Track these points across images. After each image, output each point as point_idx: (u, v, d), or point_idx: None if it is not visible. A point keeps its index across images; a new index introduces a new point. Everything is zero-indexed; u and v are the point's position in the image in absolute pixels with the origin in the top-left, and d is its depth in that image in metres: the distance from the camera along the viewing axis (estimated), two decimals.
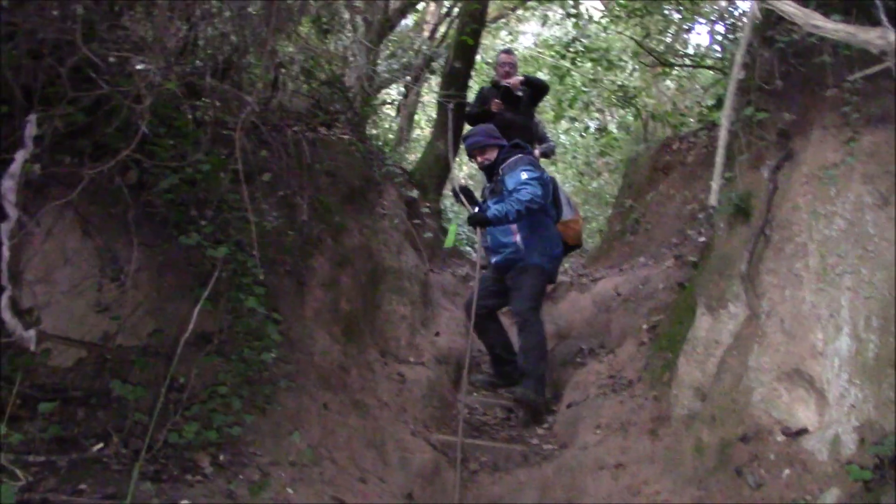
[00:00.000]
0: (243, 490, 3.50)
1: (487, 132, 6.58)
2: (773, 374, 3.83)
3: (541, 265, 6.21)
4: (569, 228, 6.63)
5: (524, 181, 5.97)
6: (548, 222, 6.34)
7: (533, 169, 6.14)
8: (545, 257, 6.23)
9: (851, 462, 3.24)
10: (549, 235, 6.32)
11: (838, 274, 3.64)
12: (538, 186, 5.96)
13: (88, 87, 3.46)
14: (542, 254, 6.21)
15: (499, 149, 6.45)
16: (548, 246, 6.27)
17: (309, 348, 4.95)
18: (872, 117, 3.67)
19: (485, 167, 6.52)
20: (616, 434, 4.87)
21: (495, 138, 6.53)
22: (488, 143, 6.46)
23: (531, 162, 6.27)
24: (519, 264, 6.20)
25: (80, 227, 3.70)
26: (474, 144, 6.53)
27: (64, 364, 3.58)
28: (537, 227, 6.21)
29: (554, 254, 6.37)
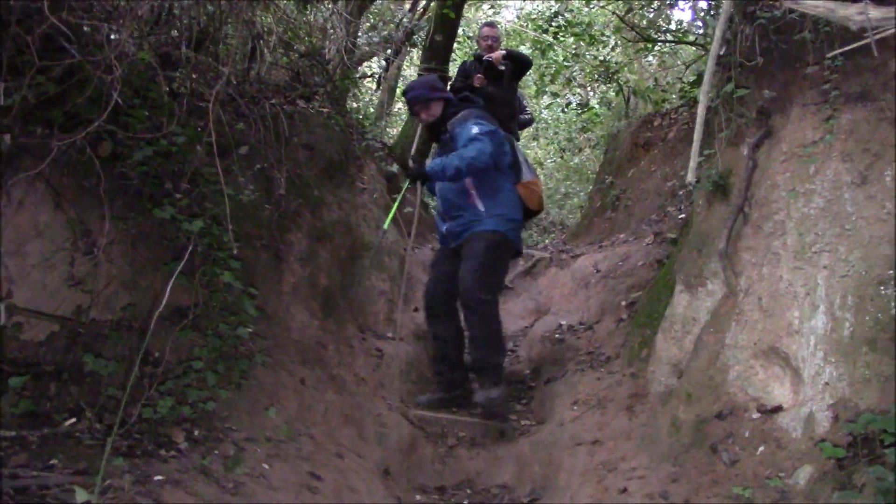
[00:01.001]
0: (218, 465, 3.48)
1: (430, 84, 5.70)
2: (749, 352, 3.84)
3: (502, 232, 5.37)
4: (531, 192, 5.75)
5: (473, 136, 5.22)
6: (508, 185, 5.57)
7: (485, 123, 5.36)
8: (508, 223, 5.42)
9: (825, 440, 3.26)
10: (510, 199, 5.52)
11: (816, 252, 3.64)
12: (488, 143, 5.19)
13: (60, 56, 3.39)
14: (505, 219, 5.39)
15: (445, 103, 5.61)
16: (509, 210, 5.45)
17: (286, 323, 4.93)
18: (852, 95, 3.66)
19: (430, 125, 5.69)
20: (593, 410, 4.89)
21: (439, 90, 5.66)
22: (432, 97, 5.57)
23: (482, 115, 5.48)
24: (475, 230, 5.37)
25: (53, 199, 3.64)
26: (416, 98, 5.59)
27: (36, 338, 3.53)
28: (498, 190, 5.45)
29: (516, 219, 5.54)
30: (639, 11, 12.46)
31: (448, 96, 5.67)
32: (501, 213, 5.38)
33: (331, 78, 7.06)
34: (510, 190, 5.55)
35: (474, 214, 5.38)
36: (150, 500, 2.92)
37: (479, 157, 5.12)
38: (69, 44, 3.38)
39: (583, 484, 4.20)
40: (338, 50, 7.50)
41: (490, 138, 5.24)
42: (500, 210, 5.39)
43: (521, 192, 5.64)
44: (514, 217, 5.48)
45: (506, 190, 5.50)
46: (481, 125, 5.30)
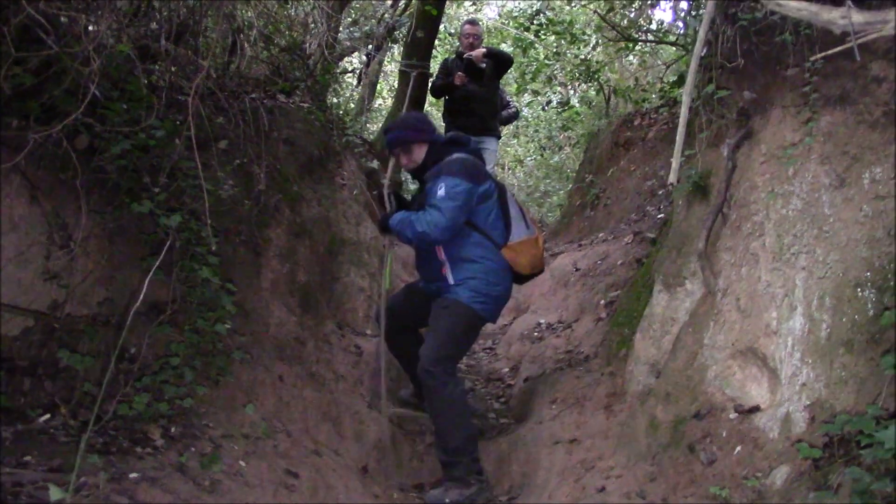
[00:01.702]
0: (194, 463, 3.46)
1: (413, 124, 4.88)
2: (727, 352, 3.86)
3: (468, 305, 4.57)
4: (520, 254, 4.75)
5: (436, 201, 4.47)
6: (486, 248, 4.64)
7: (459, 179, 4.49)
8: (479, 297, 4.59)
9: (801, 440, 3.28)
10: (487, 267, 4.63)
11: (794, 254, 3.66)
12: (446, 212, 4.43)
13: (37, 47, 3.35)
14: (476, 291, 4.58)
15: (429, 145, 4.78)
16: (484, 282, 4.61)
17: (265, 320, 4.90)
18: (831, 98, 3.68)
19: (412, 171, 4.96)
20: (571, 409, 4.90)
21: (424, 132, 4.80)
22: (415, 140, 4.76)
23: (462, 168, 4.58)
24: (444, 296, 4.68)
25: (28, 192, 3.59)
26: (396, 140, 4.81)
27: (10, 333, 3.48)
28: (471, 259, 4.62)
29: (493, 293, 4.66)
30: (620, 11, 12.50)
31: (434, 138, 4.81)
32: (473, 287, 4.60)
33: (311, 73, 7.03)
34: (488, 258, 4.65)
35: (446, 285, 4.68)
36: (125, 497, 2.90)
37: (431, 231, 4.44)
38: (46, 35, 3.33)
39: (561, 483, 4.22)
40: (319, 45, 7.46)
41: (454, 203, 4.45)
42: (472, 283, 4.60)
43: (507, 257, 4.71)
44: (490, 291, 4.64)
45: (481, 259, 4.63)
46: (451, 183, 4.48)
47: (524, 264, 4.77)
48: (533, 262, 4.83)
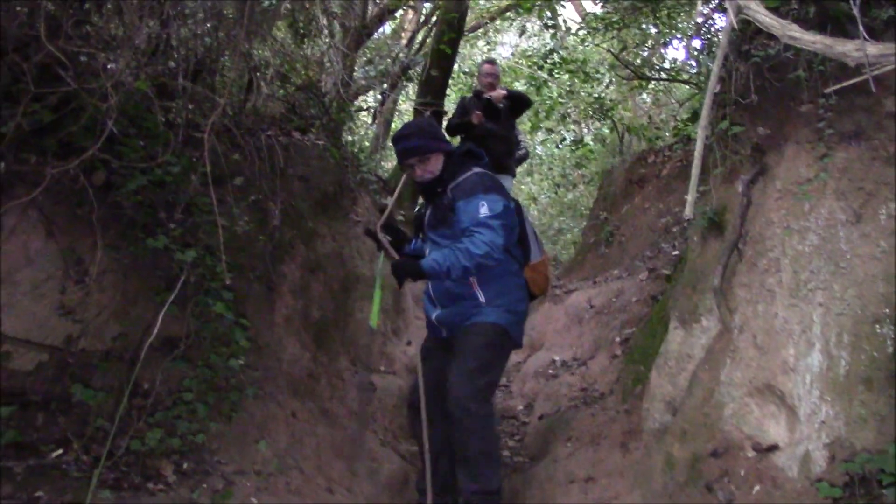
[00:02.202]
0: (206, 499, 3.44)
1: (430, 131, 4.52)
2: (744, 390, 3.81)
3: (502, 325, 4.29)
4: (538, 274, 4.62)
5: (483, 220, 4.11)
6: (511, 265, 4.43)
7: (497, 197, 4.20)
8: (509, 315, 4.33)
9: (822, 479, 3.23)
10: (515, 286, 4.44)
11: (811, 290, 3.63)
12: (499, 230, 4.12)
13: (55, 84, 3.39)
14: (506, 309, 4.32)
15: (446, 156, 4.40)
16: (513, 300, 4.39)
17: (278, 355, 4.89)
18: (846, 133, 3.67)
19: (425, 183, 4.42)
20: (587, 447, 4.85)
21: (442, 140, 4.47)
22: (432, 148, 4.36)
23: (493, 184, 4.30)
24: (473, 320, 4.31)
25: (45, 227, 3.61)
26: (412, 149, 4.36)
27: (24, 367, 3.49)
28: (502, 275, 4.35)
29: (520, 310, 4.45)
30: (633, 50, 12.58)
31: (451, 149, 4.45)
32: (504, 304, 4.32)
33: (327, 111, 7.08)
34: (516, 274, 4.46)
35: (473, 304, 4.31)
36: None
37: (493, 251, 4.07)
38: (65, 72, 3.38)
39: None
40: (334, 83, 7.53)
41: (502, 221, 4.15)
42: (503, 299, 4.33)
43: (527, 276, 4.54)
44: (517, 308, 4.41)
45: (511, 275, 4.41)
46: (493, 201, 4.16)
47: (540, 285, 4.65)
48: (546, 284, 4.74)
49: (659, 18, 10.68)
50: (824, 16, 3.61)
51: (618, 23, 10.70)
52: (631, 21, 10.86)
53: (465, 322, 4.32)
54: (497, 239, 4.09)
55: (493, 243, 4.07)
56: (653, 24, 11.41)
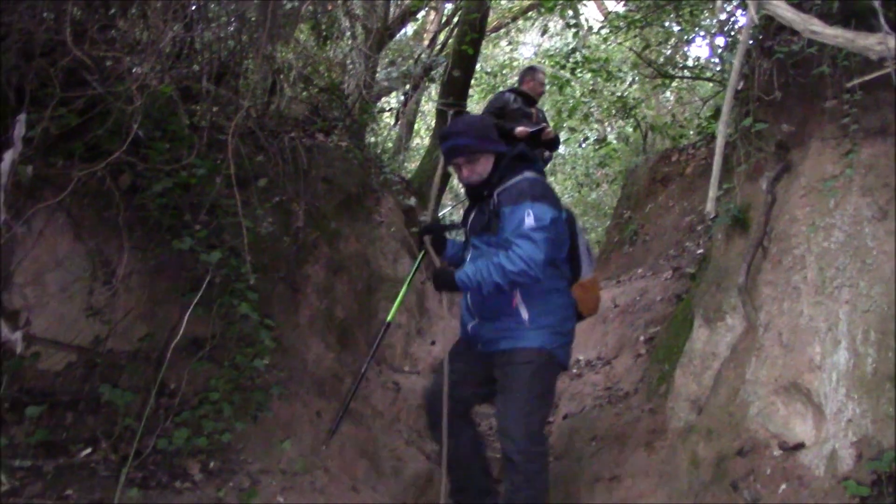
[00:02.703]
0: (233, 498, 3.47)
1: (482, 130, 4.01)
2: (770, 388, 3.79)
3: (549, 350, 3.86)
4: (588, 293, 4.13)
5: (526, 231, 3.67)
6: (559, 282, 3.98)
7: (546, 206, 3.74)
8: (555, 337, 3.89)
9: (848, 478, 3.21)
10: (562, 304, 3.99)
11: (836, 287, 3.60)
12: (542, 245, 3.66)
13: (82, 88, 3.43)
14: (552, 331, 3.88)
15: (497, 157, 3.96)
16: (559, 320, 3.94)
17: (302, 355, 4.92)
18: (871, 129, 3.65)
19: (472, 185, 4.00)
20: (612, 446, 4.83)
21: (492, 140, 3.99)
22: (482, 149, 3.92)
23: (544, 192, 3.84)
24: (515, 346, 3.88)
25: (72, 230, 3.66)
26: (461, 148, 3.94)
27: (53, 368, 3.54)
28: (549, 292, 3.91)
29: (566, 330, 4.00)
30: (656, 48, 12.52)
31: (503, 150, 3.97)
32: (549, 325, 3.88)
33: (350, 112, 7.13)
34: (564, 292, 4.01)
35: (516, 323, 3.88)
36: None
37: (530, 269, 3.64)
38: (91, 76, 3.42)
39: None
40: (357, 85, 7.57)
41: (547, 234, 3.70)
42: (548, 319, 3.89)
43: (576, 295, 4.07)
44: (564, 328, 3.98)
45: (558, 292, 3.97)
46: (540, 210, 3.71)
47: (589, 306, 4.16)
48: (595, 304, 4.21)
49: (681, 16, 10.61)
50: (848, 11, 3.57)
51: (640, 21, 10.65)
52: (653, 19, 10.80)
53: (507, 345, 3.89)
54: (537, 254, 3.64)
55: (532, 259, 3.63)
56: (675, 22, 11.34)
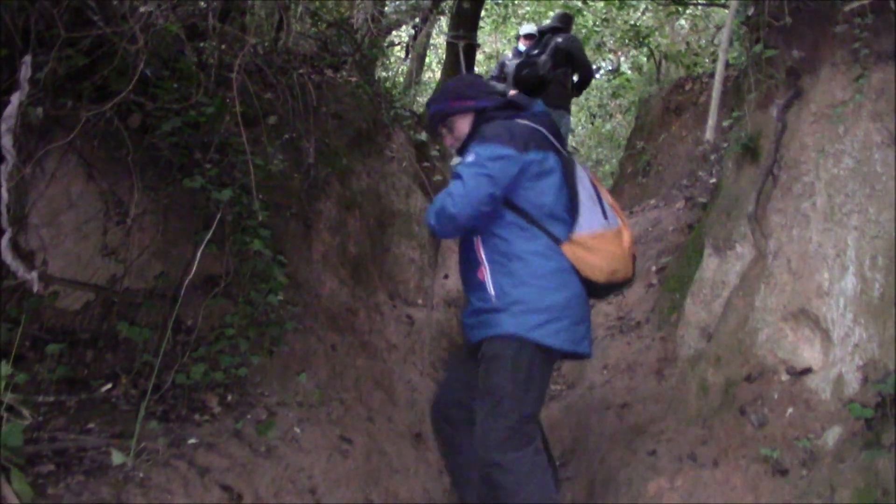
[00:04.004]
0: (250, 429, 3.55)
1: (455, 91, 3.62)
2: (778, 315, 3.82)
3: (520, 336, 3.21)
4: (591, 252, 3.30)
5: (459, 170, 3.29)
6: (539, 242, 3.29)
7: (493, 145, 3.24)
8: (534, 316, 3.21)
9: (854, 400, 3.25)
10: (542, 270, 3.26)
11: (845, 213, 3.60)
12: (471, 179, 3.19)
13: (87, 29, 3.43)
14: (527, 308, 3.22)
15: (476, 115, 3.50)
16: (537, 289, 3.24)
17: (316, 291, 4.98)
18: (882, 54, 3.60)
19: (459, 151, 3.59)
20: (623, 374, 4.91)
21: (466, 98, 3.54)
22: (455, 110, 3.54)
23: (500, 133, 3.28)
24: (487, 334, 3.31)
25: (84, 170, 3.70)
26: (435, 116, 3.65)
27: (72, 307, 3.61)
28: (517, 252, 3.28)
29: (549, 303, 3.23)
30: None
31: (481, 105, 3.49)
32: (521, 300, 3.23)
33: (359, 47, 7.06)
34: (545, 255, 3.28)
35: (485, 302, 3.31)
36: (184, 462, 3.01)
37: (448, 206, 3.22)
38: (96, 16, 3.41)
39: (612, 447, 4.23)
40: (365, 19, 7.50)
41: (479, 170, 3.20)
42: (519, 293, 3.24)
43: (571, 256, 3.30)
44: (546, 301, 3.23)
45: (531, 257, 3.26)
46: (482, 149, 3.25)
47: (598, 266, 3.31)
48: (612, 265, 3.35)
49: None
50: None
51: None
52: None
53: (480, 334, 3.35)
54: (458, 189, 3.20)
55: (453, 194, 3.21)
56: None
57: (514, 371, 3.23)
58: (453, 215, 3.22)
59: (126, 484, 2.70)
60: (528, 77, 7.93)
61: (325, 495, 3.54)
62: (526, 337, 3.21)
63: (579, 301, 3.34)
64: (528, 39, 8.88)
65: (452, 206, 3.21)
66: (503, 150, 3.23)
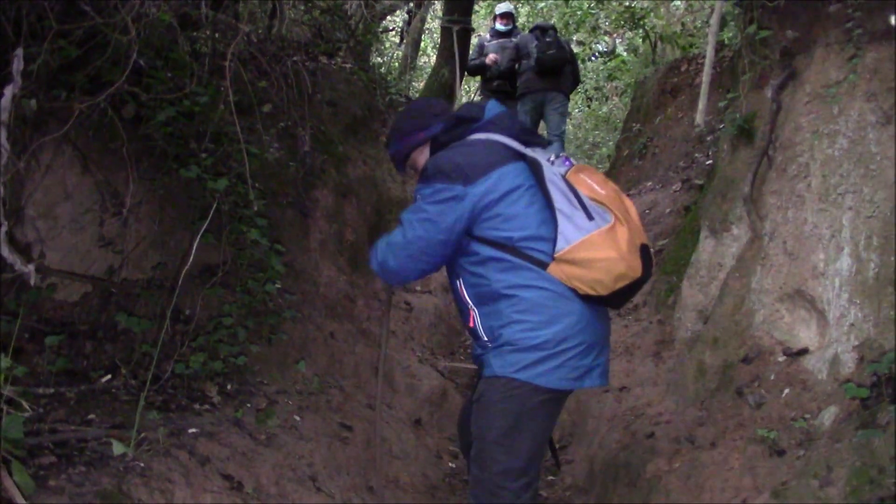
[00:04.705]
0: (250, 418, 3.57)
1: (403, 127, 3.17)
2: (774, 296, 3.83)
3: (508, 378, 2.78)
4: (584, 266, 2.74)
5: (405, 212, 2.94)
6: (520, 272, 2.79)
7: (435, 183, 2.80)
8: (522, 355, 2.76)
9: (850, 380, 3.27)
10: (526, 301, 2.78)
11: (840, 194, 3.61)
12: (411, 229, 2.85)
13: (79, 20, 3.42)
14: (515, 349, 2.78)
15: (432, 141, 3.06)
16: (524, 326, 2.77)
17: (314, 279, 4.99)
18: (876, 33, 3.59)
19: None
20: (621, 358, 4.93)
21: (414, 132, 3.10)
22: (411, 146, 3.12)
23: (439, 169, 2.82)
24: (484, 374, 2.92)
25: (80, 162, 3.70)
26: (395, 158, 3.25)
27: (70, 298, 3.62)
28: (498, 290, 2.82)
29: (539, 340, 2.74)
30: None
31: (432, 132, 3.05)
32: (510, 340, 2.79)
33: (353, 33, 7.04)
34: (527, 286, 2.79)
35: (481, 346, 2.96)
36: (184, 451, 3.02)
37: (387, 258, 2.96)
38: (88, 6, 3.40)
39: (610, 430, 4.26)
40: (359, 5, 7.47)
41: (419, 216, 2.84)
42: (508, 333, 2.80)
43: (562, 276, 2.77)
44: (536, 340, 2.75)
45: (515, 290, 2.79)
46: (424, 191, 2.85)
47: (596, 280, 2.75)
48: (613, 272, 2.75)
49: None
50: None
51: None
52: None
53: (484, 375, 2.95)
54: (404, 241, 2.89)
55: (395, 245, 2.93)
56: None
57: (500, 416, 2.83)
58: (394, 270, 2.97)
59: (127, 474, 2.72)
60: (553, 58, 8.83)
61: (325, 482, 3.56)
62: (515, 378, 2.77)
63: (583, 328, 2.81)
64: (505, 19, 9.56)
65: (393, 259, 2.94)
66: (445, 191, 2.80)
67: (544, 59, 8.80)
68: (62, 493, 2.47)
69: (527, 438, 2.86)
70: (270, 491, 3.25)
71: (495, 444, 2.85)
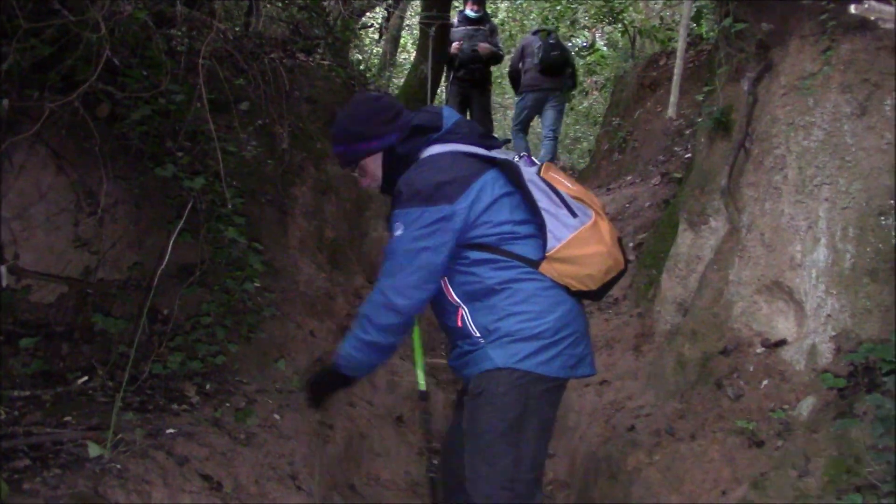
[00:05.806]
0: (230, 417, 3.55)
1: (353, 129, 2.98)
2: (753, 288, 3.85)
3: (510, 368, 2.75)
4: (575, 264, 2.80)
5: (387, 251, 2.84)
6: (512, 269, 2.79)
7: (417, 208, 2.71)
8: (523, 345, 2.75)
9: (827, 371, 3.29)
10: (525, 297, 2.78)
11: (816, 185, 3.62)
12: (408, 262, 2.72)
13: (51, 18, 3.39)
14: (515, 339, 2.76)
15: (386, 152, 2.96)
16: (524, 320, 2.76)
17: (294, 277, 4.97)
18: (850, 24, 3.60)
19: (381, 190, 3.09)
20: (601, 351, 4.94)
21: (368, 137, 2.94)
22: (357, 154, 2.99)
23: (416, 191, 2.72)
24: (474, 374, 2.84)
25: (54, 162, 3.67)
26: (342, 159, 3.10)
27: (45, 299, 3.59)
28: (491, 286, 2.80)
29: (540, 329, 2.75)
30: None
31: (387, 143, 2.93)
32: (510, 332, 2.77)
33: (331, 30, 7.01)
34: (526, 280, 2.79)
35: (470, 344, 2.86)
36: (162, 452, 3.00)
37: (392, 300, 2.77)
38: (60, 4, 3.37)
39: (591, 424, 4.27)
40: (337, 2, 7.44)
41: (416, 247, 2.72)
42: (506, 327, 2.77)
43: (553, 274, 2.79)
44: (536, 330, 2.75)
45: (510, 284, 2.79)
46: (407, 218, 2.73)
47: (587, 275, 2.83)
48: (601, 266, 2.84)
49: None
50: None
51: None
52: None
53: (469, 372, 2.89)
54: (404, 278, 2.75)
55: (397, 288, 2.76)
56: None
57: (506, 409, 2.77)
58: (402, 309, 2.78)
59: (103, 476, 2.69)
60: (558, 58, 9.61)
61: (306, 481, 3.54)
62: (518, 368, 2.74)
63: (575, 317, 2.86)
64: (476, 5, 10.03)
65: (400, 302, 2.76)
66: (433, 213, 2.71)
67: (550, 60, 9.56)
68: (37, 496, 2.45)
69: (534, 428, 2.82)
70: (250, 490, 3.23)
71: (503, 437, 2.79)
